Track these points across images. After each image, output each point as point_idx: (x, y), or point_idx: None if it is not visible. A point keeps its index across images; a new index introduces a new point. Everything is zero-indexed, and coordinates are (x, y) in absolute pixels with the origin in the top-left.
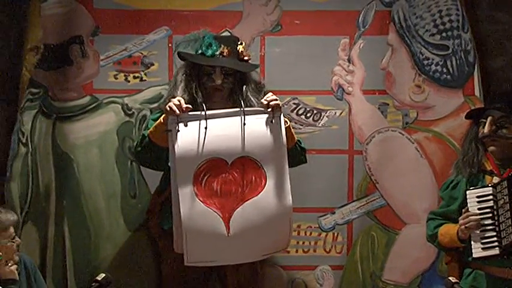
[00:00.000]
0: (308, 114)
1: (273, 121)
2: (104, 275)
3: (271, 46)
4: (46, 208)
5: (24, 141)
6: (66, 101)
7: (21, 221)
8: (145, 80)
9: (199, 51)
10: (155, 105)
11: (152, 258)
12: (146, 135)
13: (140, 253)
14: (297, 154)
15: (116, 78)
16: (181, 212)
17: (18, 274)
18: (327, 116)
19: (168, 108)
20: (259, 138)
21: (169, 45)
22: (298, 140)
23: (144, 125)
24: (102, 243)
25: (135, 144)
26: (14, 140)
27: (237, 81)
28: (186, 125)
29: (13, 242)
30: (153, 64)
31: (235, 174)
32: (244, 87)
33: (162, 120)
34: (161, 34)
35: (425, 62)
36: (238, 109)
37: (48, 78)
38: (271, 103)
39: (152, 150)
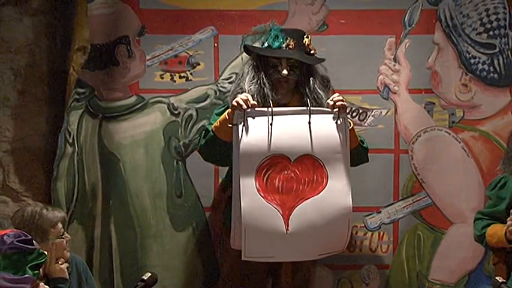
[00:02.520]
0: (354, 114)
1: (339, 122)
2: (150, 274)
3: (316, 45)
4: (92, 208)
5: (70, 141)
6: (112, 101)
7: (67, 221)
8: (191, 80)
9: (266, 44)
10: (201, 104)
11: (199, 258)
12: (210, 129)
13: (187, 252)
14: (360, 154)
15: (162, 78)
16: (241, 205)
17: (69, 274)
18: (372, 116)
19: (235, 103)
20: (324, 138)
21: (215, 44)
22: (361, 140)
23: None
24: (148, 243)
25: (198, 138)
26: (61, 140)
27: (303, 74)
28: (252, 120)
29: (62, 239)
30: (199, 64)
31: (297, 172)
32: (311, 79)
33: (227, 116)
34: (207, 34)
35: (472, 60)
36: (304, 108)
37: (95, 78)
38: (337, 103)
39: (216, 144)
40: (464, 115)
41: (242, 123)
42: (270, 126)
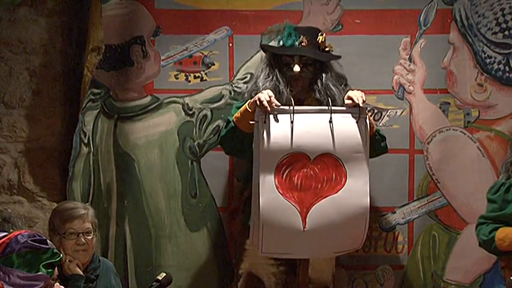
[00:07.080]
0: (369, 114)
1: (359, 121)
2: (164, 274)
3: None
4: (107, 208)
5: (86, 141)
6: (127, 101)
7: None
8: (205, 80)
9: (281, 43)
10: (216, 104)
11: (214, 258)
12: (232, 120)
13: (201, 253)
14: (377, 142)
15: (177, 78)
16: (260, 201)
17: (97, 277)
18: (387, 116)
19: (258, 100)
20: (344, 137)
21: (230, 45)
22: (377, 129)
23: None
24: (162, 243)
25: (220, 129)
26: (76, 140)
27: (317, 71)
28: (273, 118)
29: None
30: (213, 64)
31: (317, 170)
32: (323, 75)
33: (248, 108)
34: (222, 34)
35: (488, 60)
36: (325, 107)
37: (110, 78)
38: (359, 99)
39: (237, 135)
40: (479, 115)
41: (263, 120)
42: (291, 124)
